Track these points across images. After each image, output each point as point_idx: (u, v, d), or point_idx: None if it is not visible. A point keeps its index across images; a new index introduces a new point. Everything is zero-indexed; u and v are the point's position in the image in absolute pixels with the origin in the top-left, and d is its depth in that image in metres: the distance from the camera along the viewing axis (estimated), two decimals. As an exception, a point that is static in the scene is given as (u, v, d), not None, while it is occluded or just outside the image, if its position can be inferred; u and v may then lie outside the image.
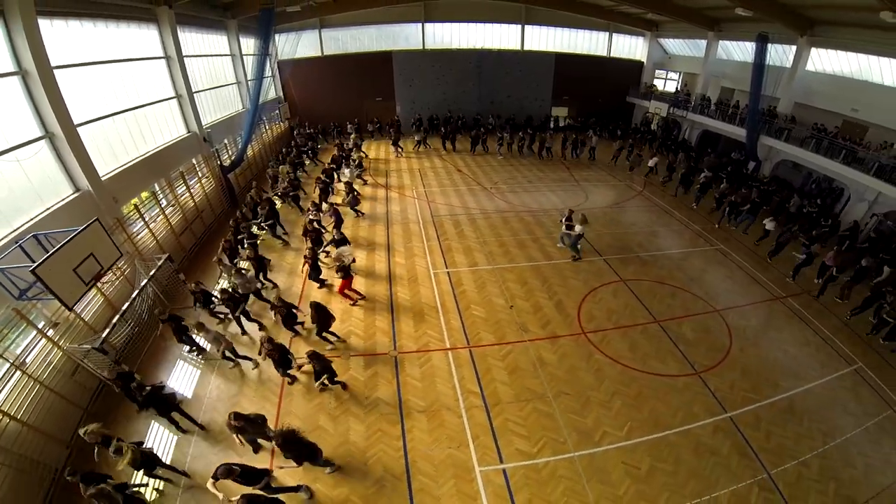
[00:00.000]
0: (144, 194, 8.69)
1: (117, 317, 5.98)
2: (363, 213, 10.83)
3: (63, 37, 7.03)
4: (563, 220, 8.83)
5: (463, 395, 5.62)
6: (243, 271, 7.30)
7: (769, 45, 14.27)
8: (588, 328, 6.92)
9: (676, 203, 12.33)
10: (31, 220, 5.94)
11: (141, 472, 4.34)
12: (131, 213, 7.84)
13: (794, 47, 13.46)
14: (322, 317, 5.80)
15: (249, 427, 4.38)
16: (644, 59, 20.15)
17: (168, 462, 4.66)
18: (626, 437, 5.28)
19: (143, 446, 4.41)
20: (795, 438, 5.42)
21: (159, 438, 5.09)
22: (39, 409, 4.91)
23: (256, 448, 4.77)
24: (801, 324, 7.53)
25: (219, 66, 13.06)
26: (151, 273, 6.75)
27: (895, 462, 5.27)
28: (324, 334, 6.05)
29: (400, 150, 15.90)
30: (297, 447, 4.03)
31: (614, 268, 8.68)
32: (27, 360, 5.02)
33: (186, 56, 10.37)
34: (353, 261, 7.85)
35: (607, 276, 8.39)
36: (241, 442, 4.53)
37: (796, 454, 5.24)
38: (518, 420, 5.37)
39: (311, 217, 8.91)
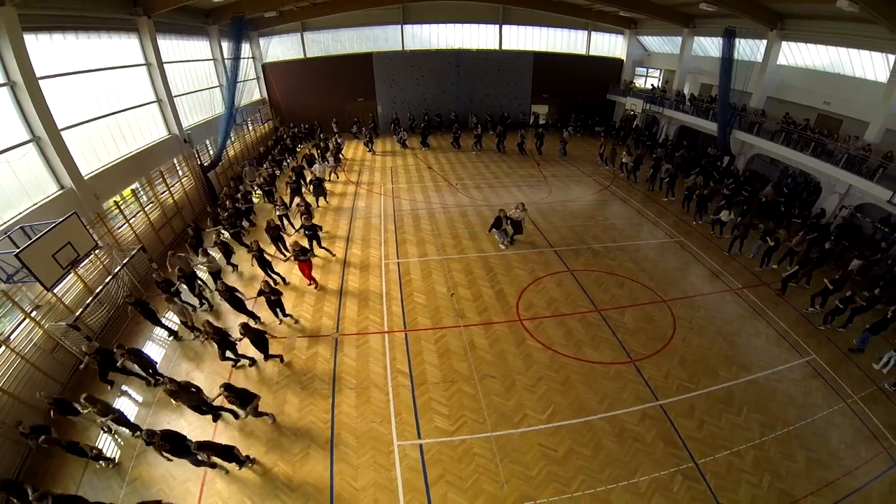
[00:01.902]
0: (126, 192, 9.61)
1: (91, 298, 6.86)
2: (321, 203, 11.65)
3: (48, 49, 7.94)
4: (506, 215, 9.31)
5: (392, 375, 6.15)
6: (210, 254, 8.18)
7: (742, 40, 14.80)
8: (525, 316, 7.39)
9: (643, 197, 12.86)
10: (20, 213, 6.84)
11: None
12: (112, 209, 8.75)
13: (764, 42, 13.89)
14: (256, 338, 6.09)
15: (184, 393, 5.18)
16: (624, 57, 20.67)
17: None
18: (547, 421, 5.51)
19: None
20: (730, 429, 5.48)
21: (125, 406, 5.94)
22: (21, 382, 5.66)
23: (202, 412, 5.55)
24: (755, 315, 7.65)
25: (201, 70, 13.99)
26: (125, 261, 7.65)
27: (843, 457, 5.19)
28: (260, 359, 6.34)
29: (372, 149, 16.74)
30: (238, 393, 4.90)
31: (564, 258, 9.24)
32: (11, 337, 5.87)
33: (166, 62, 11.28)
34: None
35: (555, 266, 8.95)
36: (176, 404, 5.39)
37: (730, 445, 5.27)
38: (441, 400, 5.80)
39: (278, 213, 9.76)
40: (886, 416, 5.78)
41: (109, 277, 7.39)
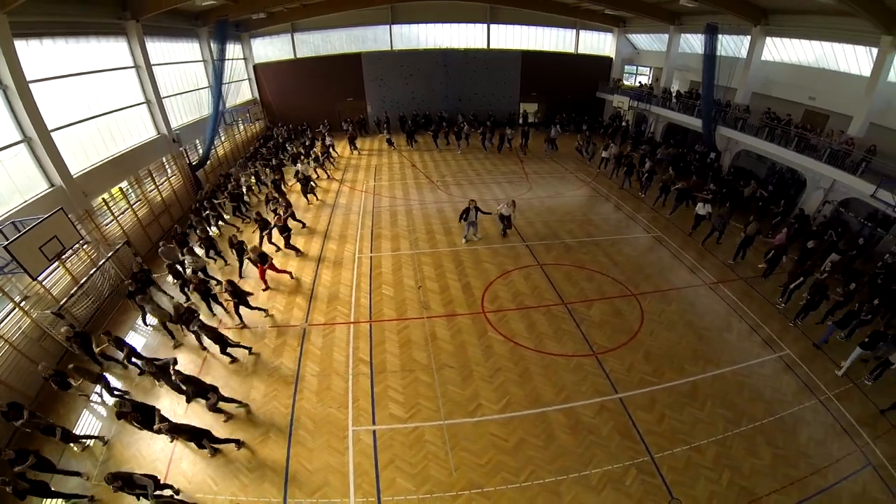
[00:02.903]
0: (115, 190, 10.12)
1: (76, 288, 7.35)
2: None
3: (38, 53, 8.44)
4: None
5: (354, 364, 6.41)
6: (195, 252, 8.65)
7: (726, 37, 14.97)
8: (489, 308, 7.59)
9: (624, 193, 13.07)
10: (11, 209, 7.33)
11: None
12: (101, 206, 9.25)
13: (748, 38, 14.00)
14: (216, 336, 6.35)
15: (163, 374, 5.64)
16: (613, 55, 20.87)
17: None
18: (501, 411, 5.59)
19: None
20: (692, 423, 5.42)
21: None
22: (9, 368, 6.09)
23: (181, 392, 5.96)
24: (729, 310, 7.66)
25: (191, 71, 14.50)
26: (109, 254, 8.14)
27: (812, 455, 5.09)
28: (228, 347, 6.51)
29: (355, 149, 17.18)
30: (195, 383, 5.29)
31: (535, 253, 9.51)
32: (0, 326, 6.37)
33: (156, 65, 11.79)
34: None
35: (525, 260, 9.23)
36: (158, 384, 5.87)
37: (690, 440, 5.21)
38: (398, 388, 6.01)
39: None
40: (862, 414, 5.69)
41: (94, 269, 7.88)
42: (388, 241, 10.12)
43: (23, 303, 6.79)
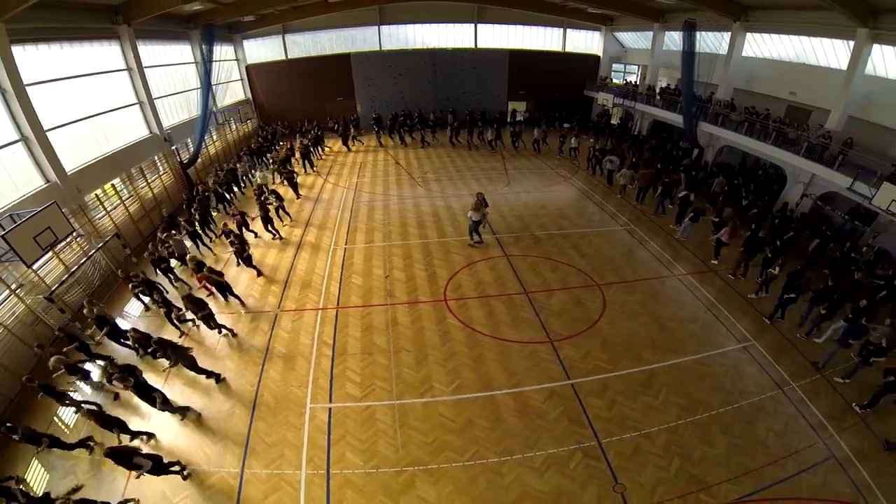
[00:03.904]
0: (108, 186, 10.79)
1: (67, 275, 8.00)
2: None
3: (34, 58, 9.12)
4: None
5: (318, 346, 6.86)
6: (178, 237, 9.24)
7: (707, 33, 15.25)
8: (451, 296, 7.99)
9: (603, 189, 13.39)
10: (9, 203, 8.01)
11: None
12: (93, 201, 9.92)
13: (728, 34, 14.28)
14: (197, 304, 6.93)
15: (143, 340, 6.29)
16: (601, 53, 21.19)
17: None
18: (452, 393, 5.84)
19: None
20: (644, 411, 5.51)
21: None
22: (4, 350, 6.58)
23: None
24: (696, 301, 7.79)
25: (184, 72, 15.18)
26: (99, 246, 8.79)
27: (770, 446, 5.10)
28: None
29: (350, 144, 17.83)
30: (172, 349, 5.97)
31: (503, 244, 9.91)
32: (-4, 310, 7.00)
33: (148, 67, 12.46)
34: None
35: (493, 251, 9.64)
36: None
37: (640, 426, 5.28)
38: (356, 369, 6.39)
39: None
40: (829, 407, 5.70)
41: (84, 259, 8.53)
42: (363, 233, 10.68)
43: (18, 290, 7.46)
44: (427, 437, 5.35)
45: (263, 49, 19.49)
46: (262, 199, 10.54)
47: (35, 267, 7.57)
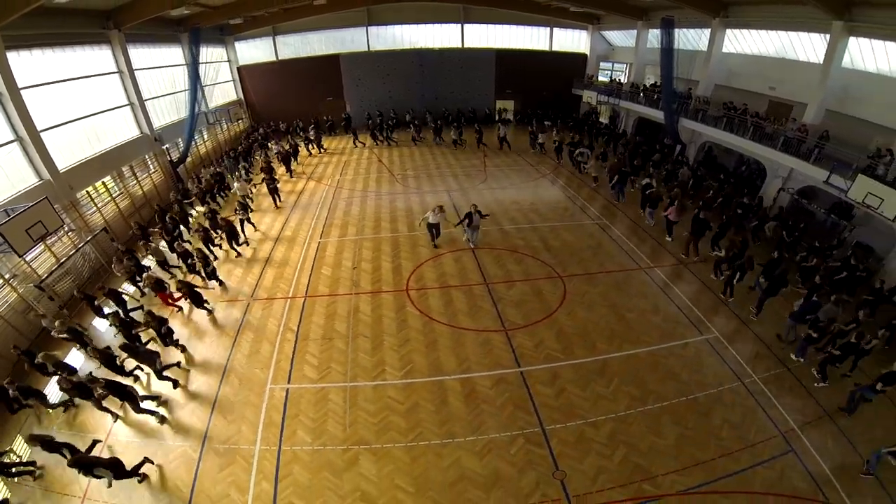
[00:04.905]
0: (99, 184, 11.48)
1: (57, 265, 8.67)
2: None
3: (28, 63, 9.79)
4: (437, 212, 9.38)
5: (283, 332, 7.33)
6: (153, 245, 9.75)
7: (689, 30, 15.49)
8: (413, 286, 8.39)
9: (578, 183, 13.80)
10: (5, 199, 8.69)
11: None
12: (85, 198, 10.60)
13: (708, 30, 14.52)
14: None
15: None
16: (588, 52, 21.50)
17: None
18: (403, 378, 6.12)
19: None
20: (593, 399, 5.60)
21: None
22: None
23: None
24: (661, 293, 7.92)
25: (176, 74, 15.86)
26: (87, 239, 9.46)
27: (725, 437, 5.09)
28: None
29: (323, 148, 18.20)
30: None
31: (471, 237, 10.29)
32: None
33: (138, 69, 13.15)
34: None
35: (459, 244, 10.05)
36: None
37: (587, 415, 5.34)
38: (315, 353, 6.78)
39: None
40: (793, 400, 5.67)
41: (74, 251, 9.20)
42: (338, 228, 11.26)
43: (11, 279, 8.13)
44: (374, 417, 5.64)
45: (255, 50, 20.16)
46: (219, 220, 10.02)
47: (28, 259, 8.25)
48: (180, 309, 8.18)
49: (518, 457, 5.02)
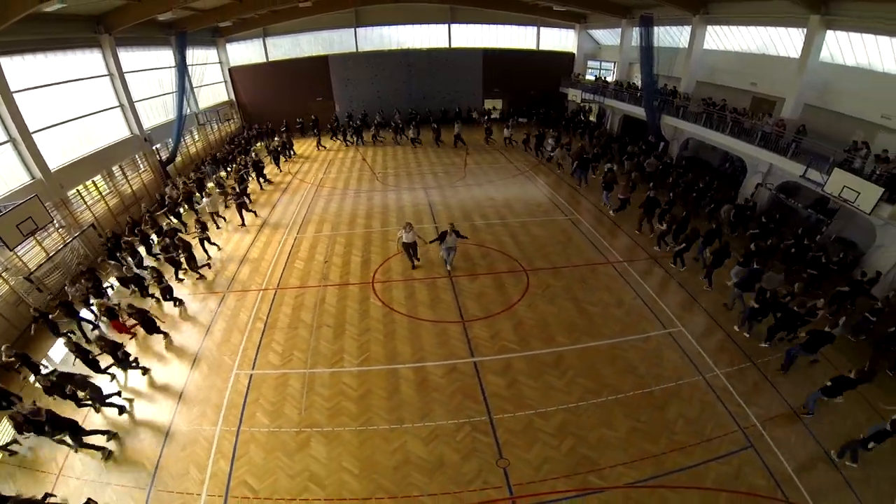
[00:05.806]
0: (90, 182, 12.09)
1: (45, 258, 9.27)
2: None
3: (21, 67, 10.39)
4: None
5: (252, 321, 7.75)
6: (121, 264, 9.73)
7: (670, 27, 15.70)
8: (379, 279, 8.75)
9: (558, 181, 14.13)
10: (-3, 197, 9.31)
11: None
12: (75, 196, 11.20)
13: (689, 27, 14.76)
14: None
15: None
16: (575, 51, 21.74)
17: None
18: (359, 365, 6.39)
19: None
20: (545, 390, 5.66)
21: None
22: None
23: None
24: (626, 286, 8.05)
25: (167, 76, 16.45)
26: (76, 234, 10.05)
27: (678, 432, 5.07)
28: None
29: (293, 154, 18.22)
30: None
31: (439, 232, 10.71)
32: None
33: (128, 72, 13.74)
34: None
35: (428, 238, 10.05)
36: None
37: (537, 406, 5.41)
38: (280, 341, 7.13)
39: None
40: (755, 396, 5.61)
41: (63, 245, 9.80)
42: (314, 224, 11.77)
43: (3, 273, 8.73)
44: (328, 402, 5.90)
45: (246, 52, 20.76)
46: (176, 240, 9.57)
47: (19, 253, 8.84)
48: (134, 335, 7.76)
49: (463, 444, 5.15)
